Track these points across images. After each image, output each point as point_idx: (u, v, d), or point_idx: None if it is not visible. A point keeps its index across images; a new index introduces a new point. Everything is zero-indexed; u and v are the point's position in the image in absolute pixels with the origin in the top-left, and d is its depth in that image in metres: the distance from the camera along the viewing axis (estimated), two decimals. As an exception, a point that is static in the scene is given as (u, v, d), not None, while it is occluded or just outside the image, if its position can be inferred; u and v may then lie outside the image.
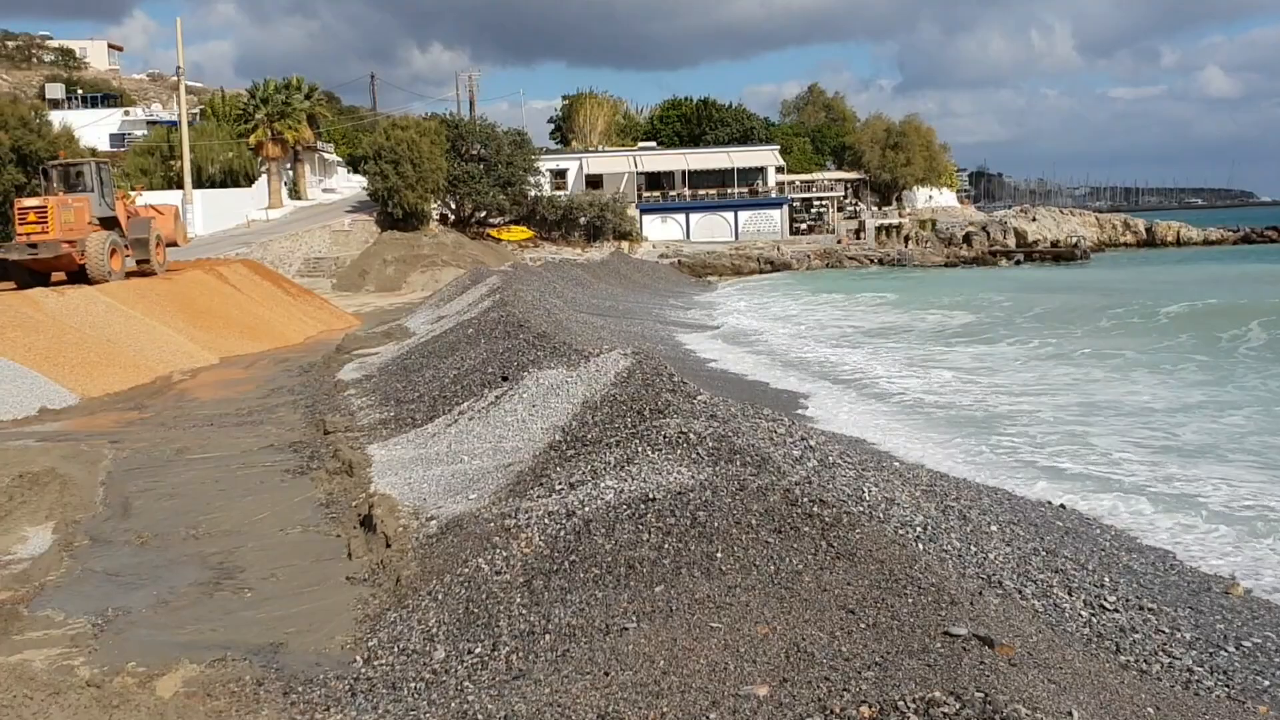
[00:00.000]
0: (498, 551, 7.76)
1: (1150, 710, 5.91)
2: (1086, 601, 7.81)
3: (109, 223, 29.04)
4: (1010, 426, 16.74)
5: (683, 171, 70.95)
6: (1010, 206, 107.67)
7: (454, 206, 59.87)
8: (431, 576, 7.93)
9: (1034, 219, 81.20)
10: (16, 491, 12.00)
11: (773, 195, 71.01)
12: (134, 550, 10.00)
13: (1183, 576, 9.28)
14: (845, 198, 75.48)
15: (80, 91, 77.76)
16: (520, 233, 60.37)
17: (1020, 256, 70.79)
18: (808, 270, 62.80)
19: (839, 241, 69.38)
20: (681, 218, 69.33)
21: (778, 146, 74.37)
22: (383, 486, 10.81)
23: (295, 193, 64.53)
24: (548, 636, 6.64)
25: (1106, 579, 8.49)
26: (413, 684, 6.53)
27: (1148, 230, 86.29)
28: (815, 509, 7.36)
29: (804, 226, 71.43)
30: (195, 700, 6.57)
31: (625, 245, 62.83)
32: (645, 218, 67.82)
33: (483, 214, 60.24)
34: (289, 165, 64.11)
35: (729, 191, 70.54)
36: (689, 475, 8.20)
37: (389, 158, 53.40)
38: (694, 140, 77.15)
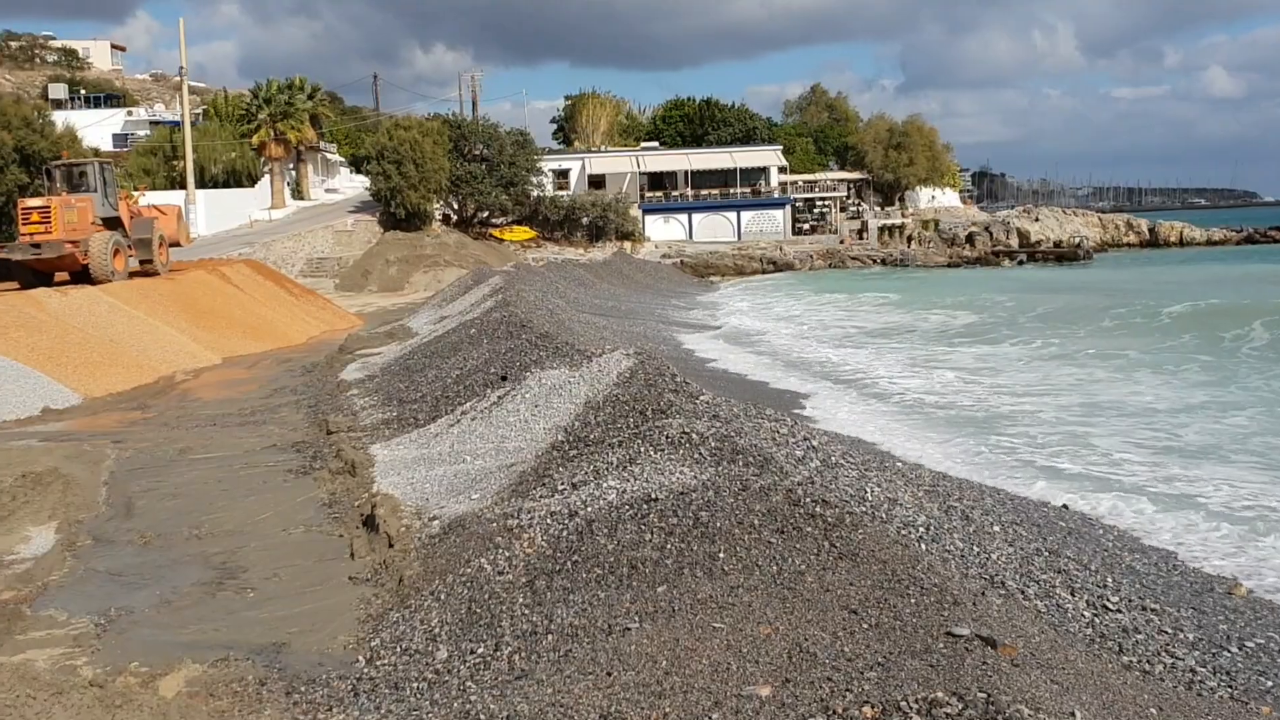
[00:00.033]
0: (500, 551, 7.76)
1: (1153, 711, 5.90)
2: (1089, 602, 7.81)
3: (112, 223, 29.09)
4: (1013, 427, 16.73)
5: (685, 172, 70.91)
6: (1013, 207, 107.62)
7: (456, 207, 59.89)
8: (434, 576, 7.93)
9: (1037, 219, 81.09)
10: (19, 491, 12.01)
11: (775, 195, 70.97)
12: (137, 550, 10.01)
13: (1185, 577, 9.28)
14: (848, 198, 75.44)
15: (83, 92, 77.88)
16: (523, 233, 60.38)
17: (1023, 257, 70.75)
18: (810, 270, 62.80)
19: (841, 242, 69.34)
20: (684, 218, 69.31)
21: (780, 147, 74.31)
22: (385, 486, 10.82)
23: (298, 193, 64.57)
24: (550, 636, 6.64)
25: (1109, 579, 8.48)
26: (415, 684, 6.53)
27: (1151, 230, 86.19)
28: (818, 509, 7.36)
29: (807, 227, 71.39)
30: (198, 700, 6.57)
31: (628, 245, 62.82)
32: (648, 218, 67.80)
33: (485, 214, 60.26)
34: (292, 165, 64.15)
35: (731, 192, 70.50)
36: (691, 475, 8.20)
37: (392, 158, 53.43)
38: (697, 140, 77.13)
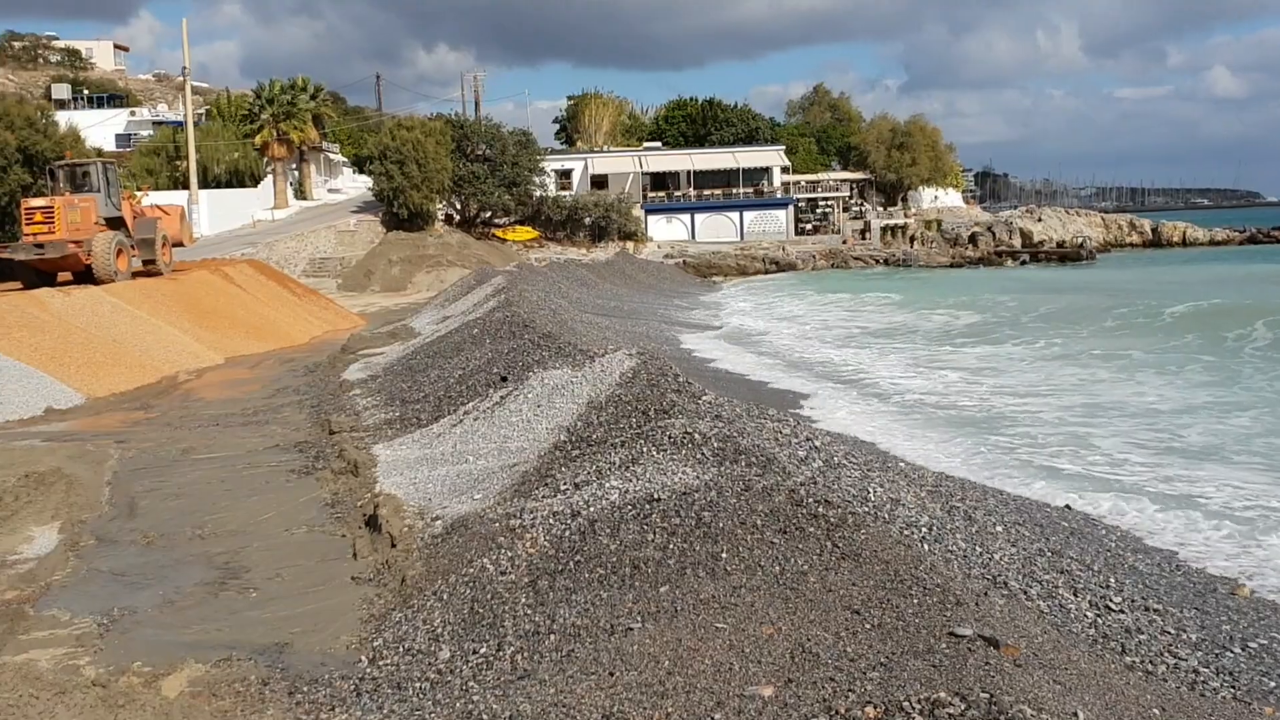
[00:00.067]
0: (503, 551, 7.76)
1: (1156, 711, 5.90)
2: (1092, 602, 7.81)
3: (115, 223, 29.13)
4: (1015, 427, 16.71)
5: (688, 172, 70.91)
6: (1016, 207, 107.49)
7: (459, 207, 59.91)
8: (436, 576, 7.93)
9: (1040, 219, 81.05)
10: (23, 491, 12.03)
11: (778, 195, 70.96)
12: (140, 550, 10.02)
13: (1188, 577, 9.27)
14: (850, 198, 75.40)
15: (86, 92, 77.93)
16: (525, 233, 60.39)
17: (1026, 257, 70.70)
18: (813, 271, 62.77)
19: (844, 242, 69.30)
20: (686, 218, 69.30)
21: (783, 147, 74.28)
22: (388, 486, 10.82)
23: (301, 193, 64.59)
24: (553, 637, 6.64)
25: (1112, 580, 8.48)
26: (418, 684, 6.53)
27: (1154, 230, 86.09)
28: (820, 509, 7.36)
29: (809, 227, 71.36)
30: (200, 700, 6.58)
31: (630, 245, 62.81)
32: (650, 218, 67.80)
33: (488, 214, 60.27)
34: (294, 165, 64.16)
35: (734, 192, 70.49)
36: (694, 475, 8.20)
37: (394, 158, 53.45)
38: (699, 140, 77.10)
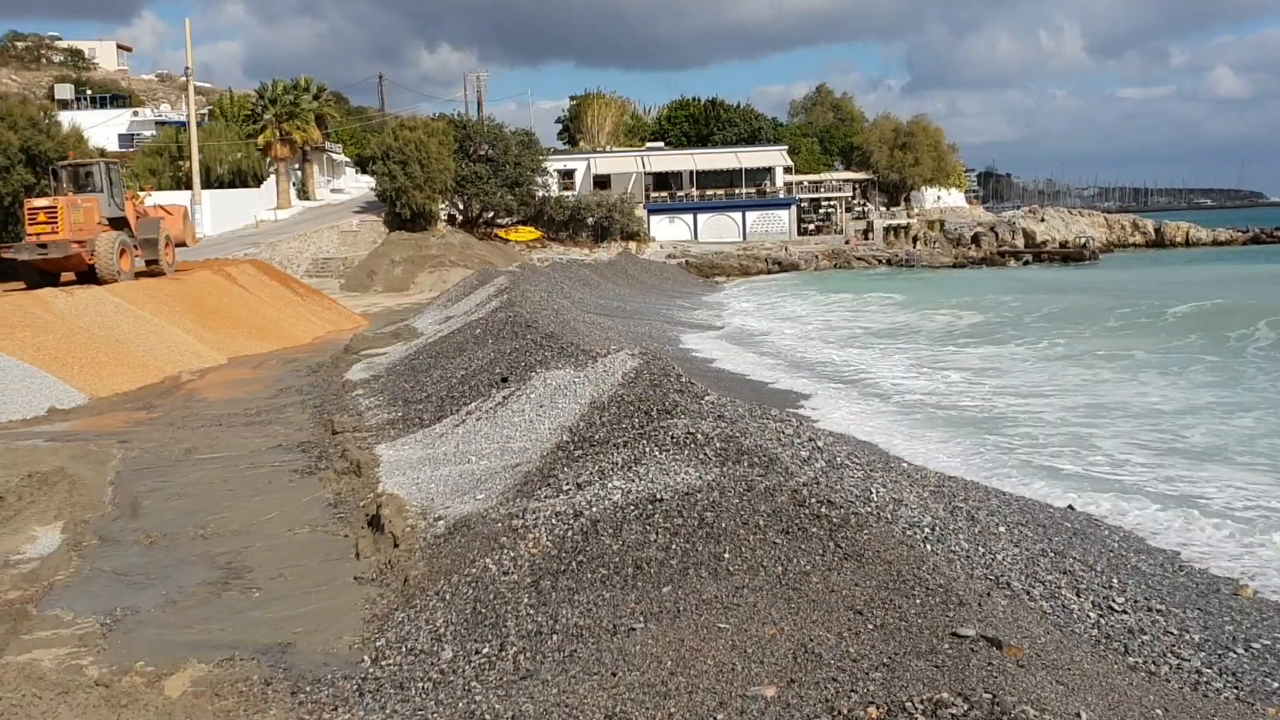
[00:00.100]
0: (505, 552, 7.76)
1: (1159, 712, 5.89)
2: (1095, 603, 7.80)
3: (118, 223, 29.18)
4: (1017, 428, 16.69)
5: (690, 172, 70.91)
6: (1019, 207, 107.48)
7: (462, 207, 59.93)
8: (439, 577, 7.93)
9: (1042, 219, 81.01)
10: (25, 491, 12.04)
11: (780, 196, 70.94)
12: (142, 550, 10.03)
13: (1191, 578, 9.26)
14: (853, 198, 75.38)
15: (89, 92, 77.98)
16: (528, 233, 60.41)
17: (1029, 257, 70.65)
18: (815, 271, 62.74)
19: (847, 242, 69.29)
20: (689, 218, 69.30)
21: (785, 147, 74.27)
22: (391, 487, 10.82)
23: (303, 193, 64.64)
24: (555, 637, 6.64)
25: (1115, 580, 8.47)
26: (420, 684, 6.54)
27: (1156, 231, 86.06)
28: (823, 510, 7.35)
29: (812, 227, 71.36)
30: (203, 700, 6.58)
31: (633, 246, 62.83)
32: (653, 218, 67.82)
33: (490, 214, 60.30)
34: (297, 166, 64.22)
35: (737, 192, 70.49)
36: (696, 476, 8.20)
37: (397, 158, 53.48)
38: (702, 140, 77.11)
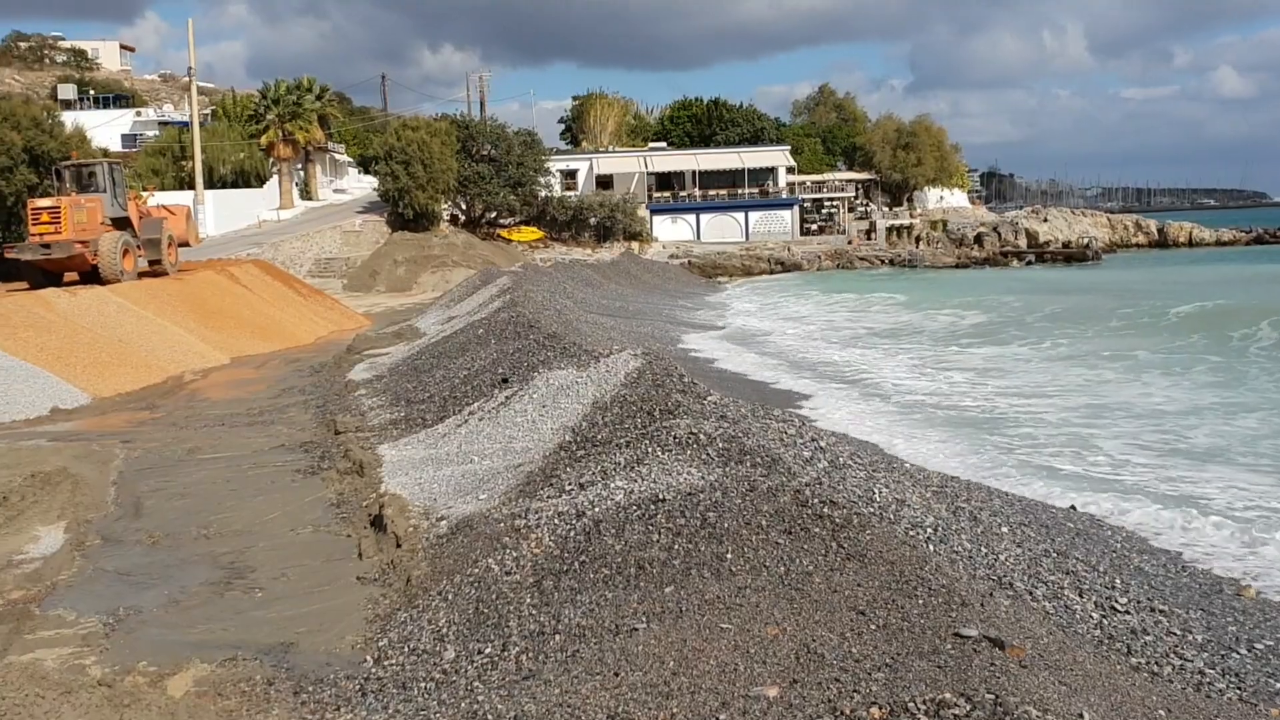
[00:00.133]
0: (508, 552, 7.77)
1: (1161, 713, 5.88)
2: (1097, 603, 7.79)
3: (121, 223, 29.21)
4: (1020, 428, 16.68)
5: (693, 172, 70.93)
6: (1022, 207, 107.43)
7: (464, 207, 59.95)
8: (442, 577, 7.94)
9: (1045, 220, 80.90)
10: (28, 491, 12.05)
11: (783, 196, 70.95)
12: (145, 550, 10.04)
13: (1194, 578, 9.25)
14: (856, 198, 75.41)
15: (92, 92, 78.05)
16: (530, 233, 60.43)
17: (1031, 257, 70.58)
18: (818, 271, 62.73)
19: (849, 242, 69.28)
20: (692, 218, 69.31)
21: (788, 147, 74.28)
22: (393, 487, 10.83)
23: (306, 193, 64.69)
24: (558, 637, 6.64)
25: (1117, 581, 8.46)
26: (423, 684, 6.54)
27: (1160, 231, 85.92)
28: (825, 510, 7.35)
29: (814, 227, 71.40)
30: (206, 700, 6.58)
31: (635, 246, 62.84)
32: (655, 218, 67.84)
33: (493, 214, 60.33)
34: (300, 166, 64.27)
35: (739, 192, 70.49)
36: (699, 476, 8.20)
37: (400, 158, 53.50)
38: (704, 141, 77.12)
